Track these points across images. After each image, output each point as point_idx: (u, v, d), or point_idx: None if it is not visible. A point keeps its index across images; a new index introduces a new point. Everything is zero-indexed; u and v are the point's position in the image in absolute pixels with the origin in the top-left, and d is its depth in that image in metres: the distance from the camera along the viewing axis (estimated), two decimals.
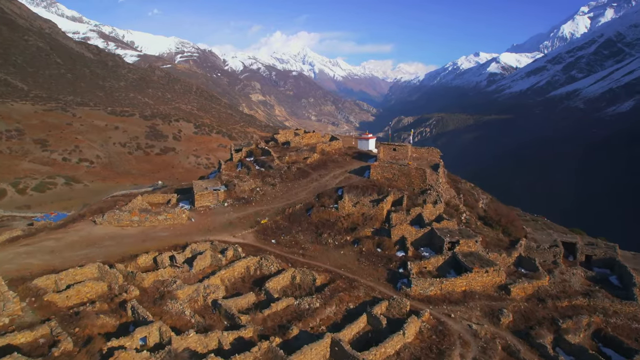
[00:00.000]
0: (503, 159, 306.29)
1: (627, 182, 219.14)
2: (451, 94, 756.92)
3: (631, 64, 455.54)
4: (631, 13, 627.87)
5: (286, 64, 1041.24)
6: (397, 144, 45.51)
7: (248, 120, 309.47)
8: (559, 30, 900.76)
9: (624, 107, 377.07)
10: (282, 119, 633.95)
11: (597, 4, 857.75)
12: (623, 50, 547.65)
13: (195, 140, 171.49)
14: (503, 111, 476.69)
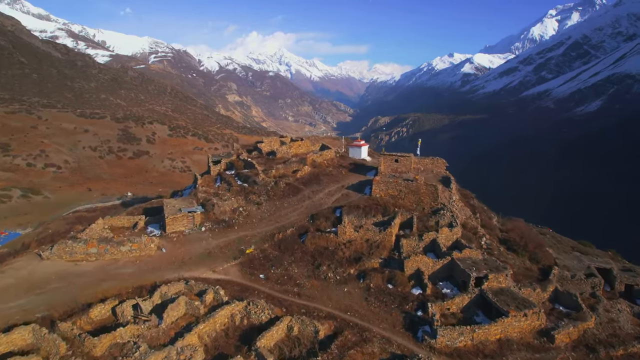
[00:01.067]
0: (479, 159, 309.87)
1: (598, 182, 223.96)
2: (427, 94, 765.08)
3: (597, 66, 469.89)
4: (595, 17, 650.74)
5: (262, 64, 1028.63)
6: (400, 154, 40.62)
7: (225, 122, 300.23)
8: (529, 32, 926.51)
9: (592, 107, 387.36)
10: (259, 119, 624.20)
11: (564, 8, 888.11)
12: (589, 52, 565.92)
13: (170, 143, 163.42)
14: (477, 111, 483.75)
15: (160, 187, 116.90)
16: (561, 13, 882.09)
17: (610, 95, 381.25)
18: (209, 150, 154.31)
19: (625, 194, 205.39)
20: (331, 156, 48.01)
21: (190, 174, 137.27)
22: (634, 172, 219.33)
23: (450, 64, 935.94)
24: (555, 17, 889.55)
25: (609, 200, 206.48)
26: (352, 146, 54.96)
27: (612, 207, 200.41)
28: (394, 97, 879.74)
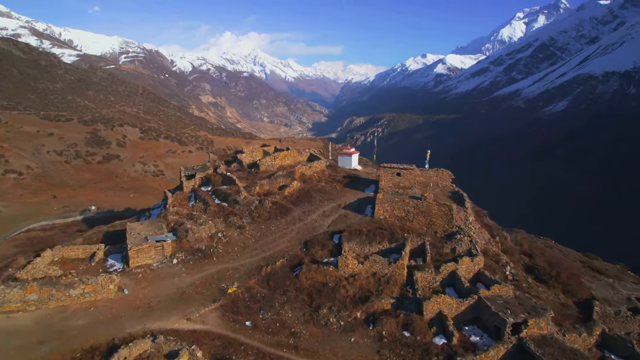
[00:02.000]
0: (452, 158, 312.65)
1: (566, 181, 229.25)
2: (401, 94, 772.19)
3: (563, 67, 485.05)
4: (560, 20, 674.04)
5: (237, 64, 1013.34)
6: (402, 167, 35.97)
7: (199, 123, 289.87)
8: (498, 33, 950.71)
9: (559, 106, 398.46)
10: (233, 120, 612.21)
11: (530, 10, 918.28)
12: (555, 53, 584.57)
13: (141, 146, 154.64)
14: (451, 111, 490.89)
15: (131, 193, 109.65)
16: (528, 16, 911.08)
17: (576, 95, 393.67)
18: (182, 154, 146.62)
19: (598, 194, 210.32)
20: (321, 168, 43.03)
21: (164, 178, 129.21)
22: (604, 171, 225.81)
23: (423, 65, 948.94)
24: (523, 19, 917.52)
25: (581, 199, 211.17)
26: (342, 154, 50.25)
27: (584, 207, 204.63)
28: (368, 98, 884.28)
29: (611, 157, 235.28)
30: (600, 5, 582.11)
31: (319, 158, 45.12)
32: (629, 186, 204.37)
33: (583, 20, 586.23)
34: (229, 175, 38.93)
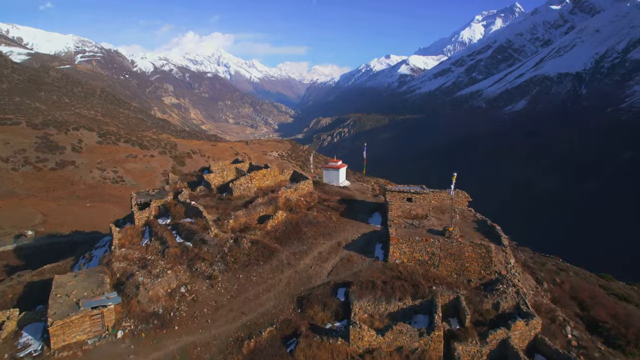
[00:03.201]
0: (419, 157, 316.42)
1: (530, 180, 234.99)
2: (366, 94, 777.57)
3: (520, 68, 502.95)
4: (516, 23, 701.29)
5: (200, 65, 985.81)
6: (413, 190, 29.89)
7: (161, 126, 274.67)
8: (459, 35, 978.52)
9: (518, 106, 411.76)
10: (198, 122, 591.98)
11: (488, 13, 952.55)
12: (513, 55, 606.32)
13: (99, 151, 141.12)
14: (416, 111, 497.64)
15: (88, 202, 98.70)
16: (486, 18, 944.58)
17: (534, 95, 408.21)
18: (144, 159, 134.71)
19: (560, 192, 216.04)
20: (309, 189, 35.57)
21: (124, 185, 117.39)
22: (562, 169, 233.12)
23: (387, 66, 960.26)
24: (482, 22, 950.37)
25: (546, 198, 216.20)
26: (327, 168, 43.58)
27: (548, 205, 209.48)
28: (334, 98, 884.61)
29: (567, 155, 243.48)
30: (552, 10, 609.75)
31: (305, 177, 37.58)
32: (587, 183, 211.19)
33: (537, 24, 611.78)
34: (193, 204, 30.57)
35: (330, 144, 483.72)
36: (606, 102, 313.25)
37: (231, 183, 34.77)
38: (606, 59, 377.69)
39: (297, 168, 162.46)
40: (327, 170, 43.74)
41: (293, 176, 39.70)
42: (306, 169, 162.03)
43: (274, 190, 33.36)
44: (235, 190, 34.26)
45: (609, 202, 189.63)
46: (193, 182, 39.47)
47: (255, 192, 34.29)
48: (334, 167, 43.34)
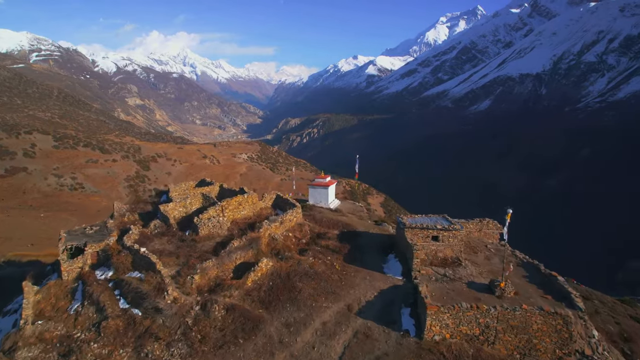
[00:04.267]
0: (389, 157, 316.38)
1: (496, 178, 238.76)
2: (334, 95, 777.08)
3: (485, 69, 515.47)
4: (479, 25, 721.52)
5: (166, 65, 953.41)
6: (440, 227, 23.49)
7: (125, 128, 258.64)
8: (424, 36, 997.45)
9: (483, 105, 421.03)
10: (164, 123, 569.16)
11: (452, 15, 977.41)
12: (477, 56, 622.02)
13: (55, 156, 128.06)
14: (384, 111, 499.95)
15: (42, 211, 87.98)
16: (450, 20, 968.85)
17: (497, 95, 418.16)
18: (105, 164, 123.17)
19: (525, 190, 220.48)
20: (297, 219, 28.34)
21: (84, 192, 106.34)
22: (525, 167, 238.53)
23: (355, 66, 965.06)
24: (446, 23, 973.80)
25: (515, 196, 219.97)
26: (315, 186, 37.10)
27: (518, 205, 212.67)
28: (303, 99, 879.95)
29: (531, 154, 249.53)
30: (512, 13, 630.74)
31: (290, 203, 29.79)
32: (550, 181, 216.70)
33: (498, 26, 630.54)
34: (144, 253, 22.25)
35: (300, 144, 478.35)
36: (564, 102, 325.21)
37: (197, 217, 26.66)
38: (563, 60, 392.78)
39: (267, 170, 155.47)
40: (314, 189, 37.20)
41: (276, 201, 32.51)
42: (276, 170, 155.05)
43: (254, 225, 26.18)
44: (203, 227, 25.97)
45: (570, 200, 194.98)
46: (147, 213, 30.75)
47: (229, 229, 26.53)
48: (322, 184, 36.83)
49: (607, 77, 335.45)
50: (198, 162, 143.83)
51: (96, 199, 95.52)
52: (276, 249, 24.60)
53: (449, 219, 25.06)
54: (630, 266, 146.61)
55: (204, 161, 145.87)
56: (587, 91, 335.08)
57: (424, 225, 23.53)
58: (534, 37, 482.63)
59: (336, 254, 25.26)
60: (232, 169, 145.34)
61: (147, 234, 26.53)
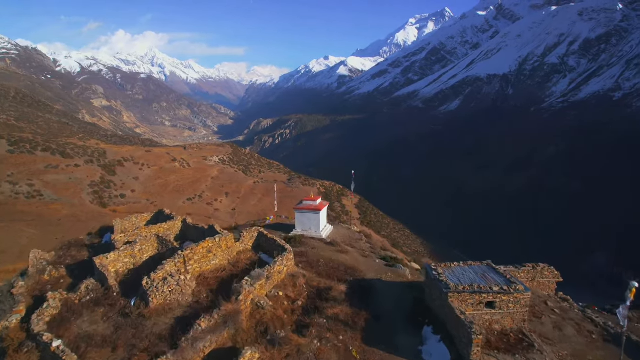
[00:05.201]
0: (362, 157, 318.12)
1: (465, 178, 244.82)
2: (306, 95, 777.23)
3: (454, 69, 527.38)
4: (447, 27, 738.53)
5: (133, 65, 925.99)
6: (496, 287, 17.75)
7: (90, 130, 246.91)
8: (394, 37, 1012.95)
9: (453, 105, 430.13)
10: (132, 125, 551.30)
11: (421, 17, 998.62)
12: (446, 57, 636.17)
13: (10, 162, 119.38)
14: (356, 111, 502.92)
15: None
16: (419, 22, 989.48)
17: (466, 95, 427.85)
18: (67, 169, 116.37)
19: (493, 189, 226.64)
20: (289, 268, 21.52)
21: (42, 199, 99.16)
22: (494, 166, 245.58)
23: (326, 67, 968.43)
24: (415, 25, 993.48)
25: (484, 197, 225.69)
26: (302, 210, 31.06)
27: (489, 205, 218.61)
28: (274, 99, 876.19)
29: (500, 153, 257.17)
30: (479, 15, 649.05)
31: (279, 246, 22.78)
32: (517, 180, 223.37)
33: (466, 28, 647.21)
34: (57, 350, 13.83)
35: (273, 145, 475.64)
36: (530, 101, 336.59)
37: (147, 278, 18.20)
38: (528, 62, 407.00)
39: (240, 173, 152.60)
40: (301, 214, 30.97)
41: (257, 241, 24.64)
42: (249, 173, 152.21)
43: (230, 281, 19.04)
44: (155, 295, 17.72)
45: (538, 198, 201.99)
46: (80, 264, 22.03)
47: (195, 292, 18.77)
48: (312, 207, 30.85)
49: (569, 78, 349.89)
50: (167, 165, 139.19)
51: (56, 207, 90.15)
52: (263, 324, 17.17)
53: (498, 269, 20.17)
54: (593, 261, 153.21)
55: (174, 164, 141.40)
56: (550, 91, 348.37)
57: (476, 288, 17.82)
58: (500, 39, 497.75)
59: (350, 329, 17.83)
60: (203, 172, 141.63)
61: (75, 302, 17.82)
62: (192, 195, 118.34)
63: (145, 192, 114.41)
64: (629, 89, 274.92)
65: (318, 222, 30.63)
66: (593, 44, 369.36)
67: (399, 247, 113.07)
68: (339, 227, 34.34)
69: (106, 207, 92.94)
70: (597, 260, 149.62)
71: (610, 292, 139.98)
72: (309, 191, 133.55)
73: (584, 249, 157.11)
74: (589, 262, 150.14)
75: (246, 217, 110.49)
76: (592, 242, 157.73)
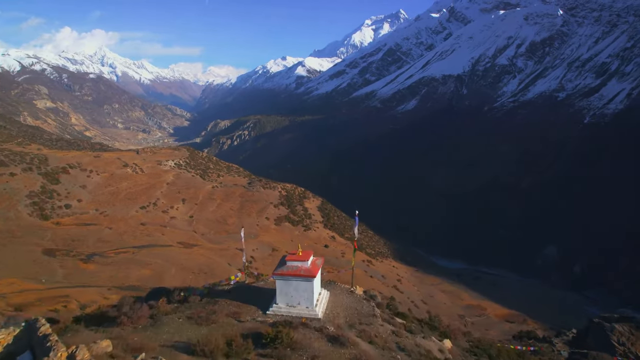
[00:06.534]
0: (321, 158, 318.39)
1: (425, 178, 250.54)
2: (264, 96, 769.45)
3: (410, 70, 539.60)
4: (402, 28, 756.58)
5: (81, 65, 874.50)
6: None
7: (31, 134, 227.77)
8: (350, 38, 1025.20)
9: (410, 105, 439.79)
10: (81, 128, 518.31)
11: (376, 18, 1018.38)
12: (402, 58, 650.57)
13: None
14: (315, 112, 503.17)
15: None
16: (375, 23, 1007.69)
17: (423, 95, 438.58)
18: (1, 178, 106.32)
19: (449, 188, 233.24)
20: None
21: None
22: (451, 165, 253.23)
23: (284, 67, 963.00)
24: (371, 26, 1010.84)
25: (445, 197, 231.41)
26: (286, 277, 20.18)
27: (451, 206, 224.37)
28: (232, 100, 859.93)
29: (456, 152, 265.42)
30: (433, 18, 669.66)
31: None
32: (475, 178, 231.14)
33: (420, 30, 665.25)
34: None
35: (231, 147, 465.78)
36: (483, 101, 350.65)
37: None
38: (480, 63, 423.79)
39: (198, 177, 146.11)
40: (285, 281, 20.19)
41: None
42: (207, 177, 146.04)
43: None
44: None
45: (490, 195, 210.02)
46: None
47: None
48: (301, 272, 19.81)
49: (518, 79, 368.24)
50: (118, 171, 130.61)
51: None
52: None
53: None
54: (545, 252, 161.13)
55: (125, 170, 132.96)
56: (502, 91, 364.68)
57: None
58: (453, 40, 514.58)
59: None
60: (158, 177, 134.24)
61: None
62: (146, 203, 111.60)
63: (93, 201, 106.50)
64: (571, 89, 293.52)
65: (311, 292, 20.47)
66: (538, 47, 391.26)
67: (363, 249, 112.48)
68: (335, 289, 24.28)
69: (48, 219, 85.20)
70: (549, 252, 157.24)
71: (561, 284, 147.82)
72: (271, 195, 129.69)
73: (541, 243, 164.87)
74: (542, 255, 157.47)
75: (205, 225, 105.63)
76: (547, 236, 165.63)
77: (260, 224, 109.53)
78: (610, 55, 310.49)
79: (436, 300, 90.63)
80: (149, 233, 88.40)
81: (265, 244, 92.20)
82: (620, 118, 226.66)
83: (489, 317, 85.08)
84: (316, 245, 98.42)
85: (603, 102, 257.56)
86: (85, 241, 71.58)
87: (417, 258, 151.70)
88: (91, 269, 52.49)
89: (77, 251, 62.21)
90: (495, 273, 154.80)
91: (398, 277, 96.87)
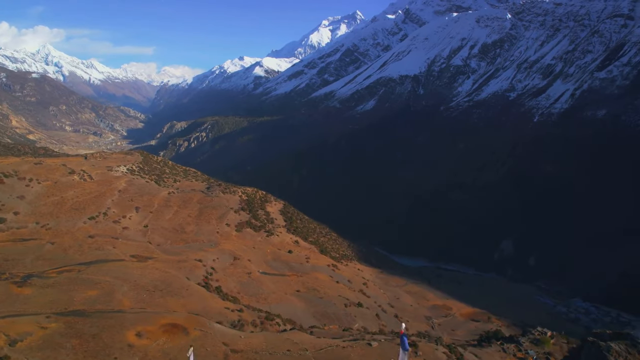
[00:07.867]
0: (281, 158, 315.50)
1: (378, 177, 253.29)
2: (222, 97, 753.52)
3: (368, 70, 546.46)
4: (359, 29, 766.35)
5: (22, 63, 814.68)
6: None
7: None
8: (308, 39, 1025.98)
9: (369, 105, 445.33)
10: (23, 131, 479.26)
11: (334, 19, 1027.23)
12: (359, 58, 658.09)
13: None
14: (273, 112, 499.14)
15: None
16: (332, 24, 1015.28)
17: (381, 95, 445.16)
18: None
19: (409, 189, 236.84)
20: None
21: None
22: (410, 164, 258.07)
23: (241, 67, 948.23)
24: (328, 27, 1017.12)
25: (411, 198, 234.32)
26: None
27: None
28: (188, 101, 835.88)
29: (416, 151, 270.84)
30: (389, 19, 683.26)
31: None
32: (435, 177, 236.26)
33: (377, 31, 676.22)
34: None
35: (188, 149, 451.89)
36: (440, 101, 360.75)
37: None
38: (435, 63, 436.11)
39: (152, 183, 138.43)
40: None
41: None
42: (162, 183, 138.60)
43: None
44: None
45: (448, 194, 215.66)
46: None
47: None
48: None
49: (472, 79, 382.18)
50: (64, 179, 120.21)
51: None
52: None
53: None
54: (501, 247, 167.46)
55: (72, 178, 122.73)
56: (457, 91, 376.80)
57: None
58: (409, 41, 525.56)
59: None
60: (109, 184, 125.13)
61: None
62: (96, 213, 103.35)
63: (33, 213, 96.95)
64: (521, 89, 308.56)
65: None
66: (490, 49, 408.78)
67: (327, 253, 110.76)
68: None
69: None
70: (505, 247, 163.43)
71: (516, 277, 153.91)
72: (231, 200, 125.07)
73: (497, 238, 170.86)
74: (499, 250, 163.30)
75: (160, 234, 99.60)
76: (503, 231, 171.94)
77: (221, 231, 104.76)
78: (554, 57, 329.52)
79: (402, 302, 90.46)
80: (98, 247, 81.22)
81: (227, 252, 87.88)
82: (565, 117, 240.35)
83: (455, 317, 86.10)
84: (279, 251, 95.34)
85: (550, 101, 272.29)
86: (21, 260, 64.12)
87: (380, 259, 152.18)
88: (27, 293, 46.35)
89: (11, 272, 55.22)
90: (454, 269, 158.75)
91: (364, 281, 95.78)
